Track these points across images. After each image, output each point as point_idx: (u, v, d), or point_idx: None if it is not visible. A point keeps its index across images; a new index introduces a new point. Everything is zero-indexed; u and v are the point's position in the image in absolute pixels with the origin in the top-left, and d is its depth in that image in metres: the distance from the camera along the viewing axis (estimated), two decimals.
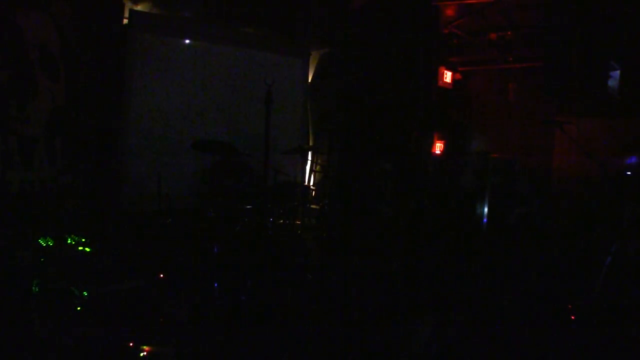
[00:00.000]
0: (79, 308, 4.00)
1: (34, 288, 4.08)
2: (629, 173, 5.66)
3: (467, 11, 8.20)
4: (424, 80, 8.79)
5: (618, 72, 7.07)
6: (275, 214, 6.18)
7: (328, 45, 9.20)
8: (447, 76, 8.95)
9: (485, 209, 6.86)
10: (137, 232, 6.07)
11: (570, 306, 4.54)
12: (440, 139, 8.97)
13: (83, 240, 4.91)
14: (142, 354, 3.50)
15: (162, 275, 4.85)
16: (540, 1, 7.64)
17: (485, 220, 6.85)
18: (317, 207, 8.01)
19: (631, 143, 7.38)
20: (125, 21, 6.77)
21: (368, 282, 5.39)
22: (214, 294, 4.59)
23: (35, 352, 3.48)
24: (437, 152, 8.69)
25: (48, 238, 4.76)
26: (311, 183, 8.93)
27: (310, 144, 9.16)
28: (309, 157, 8.58)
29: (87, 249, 4.83)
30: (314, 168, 9.01)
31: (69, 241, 4.87)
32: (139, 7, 7.01)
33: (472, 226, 6.73)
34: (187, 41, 7.25)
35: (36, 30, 5.48)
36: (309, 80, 8.88)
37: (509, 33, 8.34)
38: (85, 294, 4.11)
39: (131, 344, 3.57)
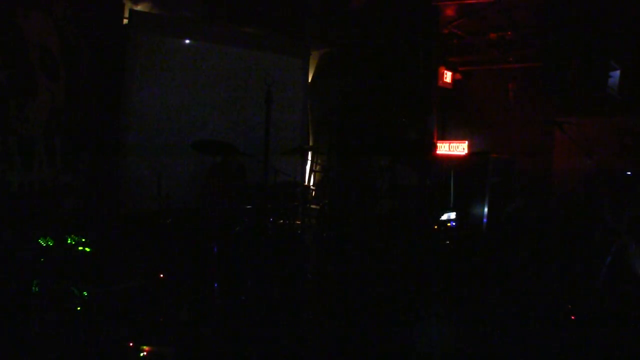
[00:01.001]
0: (79, 308, 4.00)
1: (34, 288, 4.07)
2: (629, 173, 5.65)
3: (467, 11, 8.19)
4: (424, 80, 8.80)
5: (618, 72, 7.07)
6: (275, 214, 6.18)
7: (328, 45, 9.20)
8: (447, 76, 8.95)
9: (486, 209, 6.87)
10: (137, 232, 6.07)
11: (570, 306, 4.54)
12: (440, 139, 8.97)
13: (83, 240, 4.90)
14: (142, 354, 3.50)
15: (162, 275, 4.85)
16: (540, 1, 7.63)
17: (485, 220, 6.86)
18: (317, 207, 8.02)
19: (631, 143, 7.38)
20: (125, 21, 6.77)
21: (368, 281, 5.39)
22: (214, 294, 4.59)
23: (35, 352, 3.48)
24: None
25: (48, 238, 4.75)
26: (311, 183, 8.93)
27: (310, 144, 9.16)
28: (309, 157, 8.58)
29: (87, 249, 4.82)
30: (314, 168, 9.01)
31: (69, 241, 4.86)
32: (139, 7, 7.00)
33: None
34: (187, 41, 7.24)
35: (36, 30, 5.48)
36: (309, 80, 8.88)
37: (509, 33, 8.34)
38: (85, 294, 4.10)
39: (131, 344, 3.57)
